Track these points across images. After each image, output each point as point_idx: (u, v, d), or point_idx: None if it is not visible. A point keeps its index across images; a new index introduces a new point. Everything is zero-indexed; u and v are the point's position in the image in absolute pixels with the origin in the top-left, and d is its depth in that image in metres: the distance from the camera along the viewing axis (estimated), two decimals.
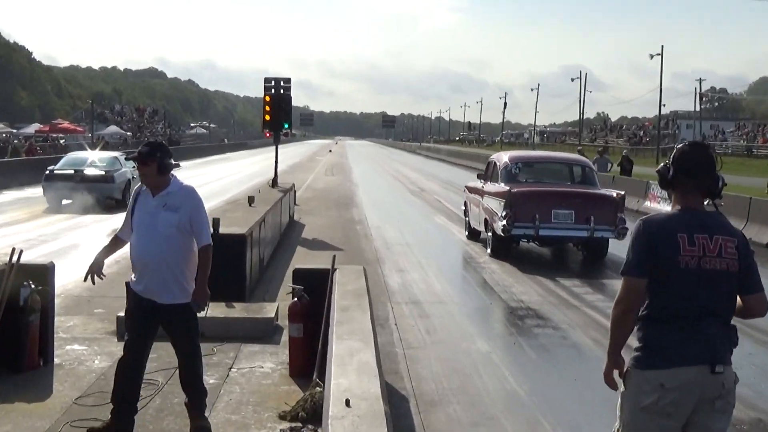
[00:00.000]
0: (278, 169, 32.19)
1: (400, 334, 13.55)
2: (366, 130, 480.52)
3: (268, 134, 30.20)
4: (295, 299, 10.73)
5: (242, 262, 15.08)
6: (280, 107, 29.86)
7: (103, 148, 47.62)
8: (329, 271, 10.86)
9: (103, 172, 32.15)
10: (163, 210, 8.38)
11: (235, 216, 18.59)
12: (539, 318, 15.04)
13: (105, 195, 31.90)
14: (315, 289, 10.67)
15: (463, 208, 26.19)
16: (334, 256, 11.27)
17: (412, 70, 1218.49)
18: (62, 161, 33.62)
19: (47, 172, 32.10)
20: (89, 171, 32.23)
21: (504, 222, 21.05)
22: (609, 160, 42.88)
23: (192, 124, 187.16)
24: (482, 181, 23.99)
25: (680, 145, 6.12)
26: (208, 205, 23.66)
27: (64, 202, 31.53)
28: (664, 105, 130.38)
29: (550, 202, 21.23)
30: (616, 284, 16.82)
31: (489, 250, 22.16)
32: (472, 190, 24.89)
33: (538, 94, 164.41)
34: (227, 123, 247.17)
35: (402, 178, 58.16)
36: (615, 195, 21.66)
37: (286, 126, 29.89)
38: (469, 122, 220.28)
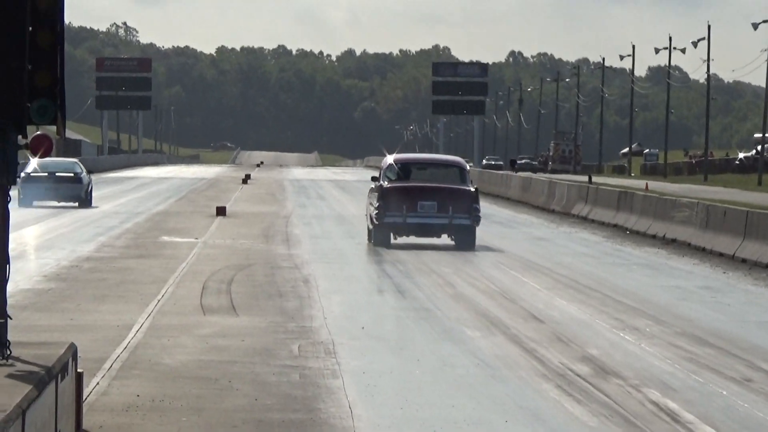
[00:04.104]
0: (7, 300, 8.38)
1: None
2: (372, 131, 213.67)
3: None
4: None
5: None
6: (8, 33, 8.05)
7: None
8: None
9: (72, 175, 37.85)
10: None
11: None
12: None
13: (73, 194, 38.18)
14: None
15: (365, 212, 30.73)
16: None
17: None
18: (34, 165, 39.10)
19: (23, 174, 37.78)
20: (60, 174, 37.83)
21: (377, 212, 26.63)
22: None
23: None
24: (375, 182, 28.99)
25: None
26: None
27: (36, 203, 37.71)
28: None
29: (415, 195, 27.19)
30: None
31: (372, 242, 27.46)
32: (369, 193, 29.71)
33: None
34: None
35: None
36: (471, 189, 27.30)
37: (43, 113, 8.11)
38: None
